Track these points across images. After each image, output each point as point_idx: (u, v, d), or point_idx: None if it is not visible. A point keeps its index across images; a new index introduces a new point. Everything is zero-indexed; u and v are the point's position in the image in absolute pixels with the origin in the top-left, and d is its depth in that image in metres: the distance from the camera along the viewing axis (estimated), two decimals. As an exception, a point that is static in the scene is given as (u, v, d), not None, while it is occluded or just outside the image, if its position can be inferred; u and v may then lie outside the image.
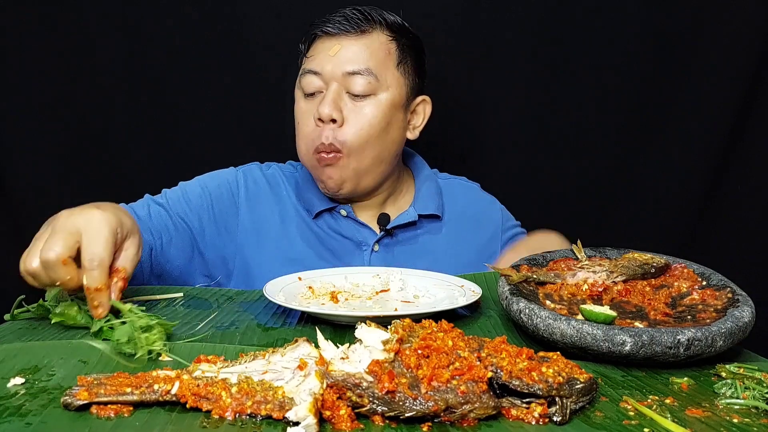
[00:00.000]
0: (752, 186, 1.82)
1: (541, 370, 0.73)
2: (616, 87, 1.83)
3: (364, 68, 1.33)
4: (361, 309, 1.07)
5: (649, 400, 0.77)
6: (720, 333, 0.86)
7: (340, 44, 1.34)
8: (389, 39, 1.38)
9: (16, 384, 0.75)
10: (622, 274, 1.04)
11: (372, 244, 1.43)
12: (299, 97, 1.40)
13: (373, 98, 1.35)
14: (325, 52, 1.35)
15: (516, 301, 0.95)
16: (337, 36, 1.35)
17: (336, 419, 0.67)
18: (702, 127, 1.82)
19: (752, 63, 1.78)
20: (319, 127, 1.34)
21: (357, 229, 1.44)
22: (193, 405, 0.69)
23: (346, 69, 1.33)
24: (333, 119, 1.32)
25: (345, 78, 1.34)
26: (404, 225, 1.45)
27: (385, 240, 1.44)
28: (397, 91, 1.38)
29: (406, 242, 1.46)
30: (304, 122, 1.38)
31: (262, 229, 1.42)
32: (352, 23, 1.35)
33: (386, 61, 1.36)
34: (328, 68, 1.34)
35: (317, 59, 1.36)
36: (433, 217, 1.47)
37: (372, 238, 1.43)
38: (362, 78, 1.33)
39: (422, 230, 1.47)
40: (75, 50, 1.72)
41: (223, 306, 1.12)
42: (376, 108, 1.35)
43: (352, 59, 1.34)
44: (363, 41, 1.35)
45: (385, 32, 1.37)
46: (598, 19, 1.80)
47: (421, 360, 0.72)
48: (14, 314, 1.02)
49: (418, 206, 1.46)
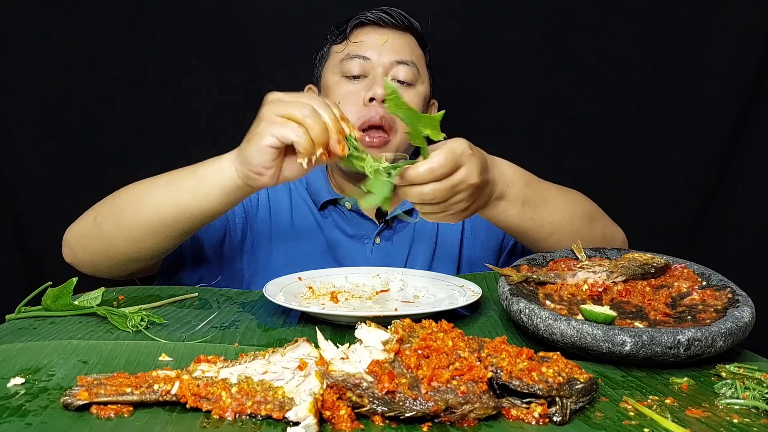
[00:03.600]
0: (752, 186, 1.82)
1: (541, 371, 0.73)
2: (616, 87, 1.83)
3: (409, 59, 1.42)
4: (361, 309, 1.07)
5: (649, 401, 0.77)
6: (720, 333, 0.86)
7: (386, 35, 1.42)
8: (417, 44, 1.48)
9: (16, 384, 0.75)
10: (622, 274, 1.04)
11: (373, 237, 1.45)
12: (339, 80, 1.42)
13: (415, 88, 1.43)
14: (372, 40, 1.42)
15: (516, 301, 0.95)
16: (382, 27, 1.43)
17: (336, 419, 0.67)
18: (702, 127, 1.82)
19: (753, 63, 1.78)
20: (367, 106, 1.37)
21: (360, 223, 1.47)
22: (193, 405, 0.69)
23: (395, 58, 1.41)
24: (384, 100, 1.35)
25: (392, 66, 1.41)
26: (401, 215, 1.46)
27: (386, 232, 1.47)
28: (428, 87, 1.48)
29: (405, 230, 1.49)
30: (347, 102, 1.39)
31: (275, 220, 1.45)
32: (396, 19, 1.44)
33: (421, 59, 1.47)
34: (376, 56, 1.40)
35: (365, 45, 1.41)
36: None
37: (373, 231, 1.46)
38: (408, 68, 1.41)
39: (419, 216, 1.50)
40: (75, 50, 1.72)
41: (223, 306, 1.12)
42: (417, 96, 1.43)
43: (399, 50, 1.42)
44: (406, 38, 1.45)
45: (415, 36, 1.47)
46: (597, 20, 1.80)
47: (421, 360, 0.72)
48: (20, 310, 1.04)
49: None
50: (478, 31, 1.81)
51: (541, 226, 1.20)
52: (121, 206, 1.18)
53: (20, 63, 1.70)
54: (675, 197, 1.85)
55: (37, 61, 1.71)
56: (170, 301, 1.13)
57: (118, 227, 1.17)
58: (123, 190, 1.21)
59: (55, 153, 1.75)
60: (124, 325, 0.97)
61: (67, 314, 1.03)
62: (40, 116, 1.73)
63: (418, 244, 1.47)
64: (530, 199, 1.17)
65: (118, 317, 0.98)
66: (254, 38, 1.77)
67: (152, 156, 1.77)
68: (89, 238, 1.21)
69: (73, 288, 1.03)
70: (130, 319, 0.97)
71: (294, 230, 1.45)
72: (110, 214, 1.19)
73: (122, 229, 1.17)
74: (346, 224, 1.46)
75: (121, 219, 1.17)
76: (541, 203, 1.19)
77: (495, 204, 1.14)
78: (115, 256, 1.20)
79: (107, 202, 1.21)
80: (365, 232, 1.46)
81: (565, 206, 1.24)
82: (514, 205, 1.15)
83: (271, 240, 1.44)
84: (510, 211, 1.16)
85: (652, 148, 1.85)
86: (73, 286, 1.03)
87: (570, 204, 1.26)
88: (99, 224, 1.20)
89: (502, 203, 1.14)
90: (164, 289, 1.21)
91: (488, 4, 1.80)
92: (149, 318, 0.99)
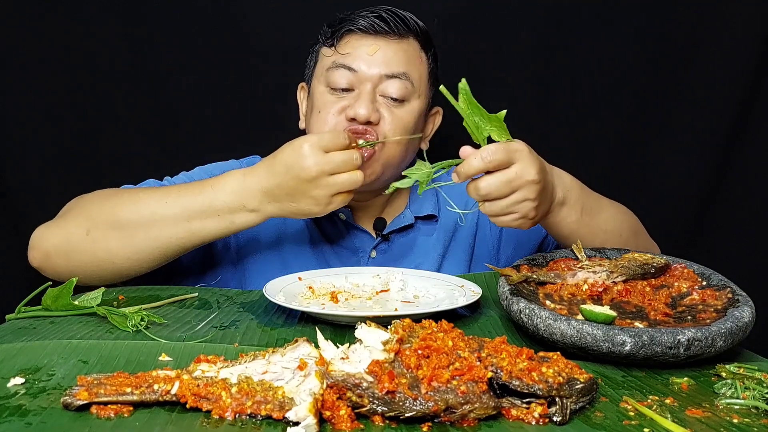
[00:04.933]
0: (752, 186, 1.82)
1: (541, 371, 0.73)
2: (616, 88, 1.83)
3: (402, 72, 1.29)
4: (361, 309, 1.07)
5: (649, 400, 0.77)
6: (720, 333, 0.86)
7: (377, 45, 1.29)
8: (421, 47, 1.35)
9: (16, 384, 0.75)
10: (622, 274, 1.04)
11: (369, 251, 1.39)
12: (324, 90, 1.32)
13: (407, 104, 1.31)
14: (362, 50, 1.29)
15: (516, 301, 0.95)
16: (374, 36, 1.30)
17: (336, 419, 0.67)
18: (702, 127, 1.82)
19: (753, 63, 1.78)
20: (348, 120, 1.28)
21: (355, 235, 1.40)
22: (193, 405, 0.69)
23: (384, 71, 1.28)
24: (369, 120, 1.26)
25: (381, 80, 1.29)
26: (401, 229, 1.41)
27: (382, 246, 1.41)
28: (425, 100, 1.35)
29: (404, 247, 1.42)
30: (328, 113, 1.30)
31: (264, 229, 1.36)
32: (391, 25, 1.30)
33: (420, 68, 1.34)
34: (365, 68, 1.28)
35: (352, 56, 1.29)
36: (429, 218, 1.43)
37: (369, 245, 1.40)
38: (400, 82, 1.29)
39: (419, 233, 1.43)
40: (75, 50, 1.72)
41: (223, 306, 1.12)
42: (409, 114, 1.31)
43: (390, 62, 1.29)
44: (401, 45, 1.31)
45: (418, 39, 1.35)
46: (597, 20, 1.80)
47: (421, 360, 0.72)
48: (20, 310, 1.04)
49: (413, 208, 1.42)
50: (476, 31, 1.81)
51: (595, 234, 1.20)
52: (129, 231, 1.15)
53: (20, 63, 1.70)
54: (675, 197, 1.85)
55: (37, 61, 1.70)
56: (170, 301, 1.13)
57: (122, 250, 1.16)
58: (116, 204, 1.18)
59: (55, 153, 1.75)
60: (124, 325, 0.97)
61: (67, 314, 1.03)
62: (40, 116, 1.73)
63: (416, 260, 1.40)
64: (587, 206, 1.18)
65: (118, 317, 0.99)
66: (254, 38, 1.77)
67: (152, 156, 1.76)
68: (79, 251, 1.17)
69: (73, 288, 1.03)
70: (130, 319, 0.97)
71: (286, 241, 1.39)
72: (112, 236, 1.16)
73: (126, 252, 1.16)
74: (340, 237, 1.40)
75: (127, 243, 1.15)
76: (596, 211, 1.20)
77: (558, 209, 1.14)
78: (106, 270, 1.18)
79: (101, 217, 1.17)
80: (361, 245, 1.40)
81: (616, 216, 1.25)
82: (575, 211, 1.16)
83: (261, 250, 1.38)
84: (571, 217, 1.16)
85: (652, 148, 1.84)
86: (73, 286, 1.03)
87: (620, 215, 1.27)
88: (95, 241, 1.16)
89: (564, 209, 1.15)
90: (164, 289, 1.21)
91: (487, 4, 1.79)
92: (149, 318, 0.99)
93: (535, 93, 1.85)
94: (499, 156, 1.00)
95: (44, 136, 1.74)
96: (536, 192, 1.03)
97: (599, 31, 1.80)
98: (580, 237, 1.19)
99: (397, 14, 1.33)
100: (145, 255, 1.17)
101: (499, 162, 1.00)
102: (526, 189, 1.02)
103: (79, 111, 1.75)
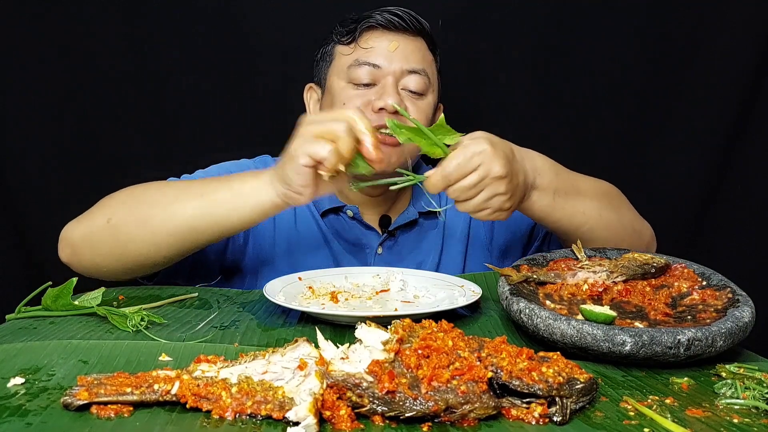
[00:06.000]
0: (752, 186, 1.83)
1: (541, 370, 0.73)
2: (616, 87, 1.83)
3: (421, 68, 1.36)
4: (361, 309, 1.07)
5: (649, 400, 0.77)
6: (720, 333, 0.86)
7: (397, 41, 1.35)
8: (428, 46, 1.41)
9: (16, 384, 0.75)
10: (622, 274, 1.04)
11: (376, 248, 1.42)
12: (345, 85, 1.36)
13: (424, 98, 1.37)
14: (382, 45, 1.35)
15: (516, 301, 0.95)
16: (393, 32, 1.36)
17: (336, 419, 0.67)
18: (702, 127, 1.82)
19: (753, 63, 1.78)
20: (376, 113, 1.32)
21: (362, 232, 1.43)
22: (193, 405, 0.69)
23: (405, 66, 1.34)
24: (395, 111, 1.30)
25: (403, 74, 1.34)
26: (405, 225, 1.44)
27: (388, 242, 1.44)
28: (437, 95, 1.42)
29: (408, 242, 1.45)
30: (354, 105, 1.34)
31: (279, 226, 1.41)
32: (408, 23, 1.36)
33: (432, 65, 1.40)
34: (386, 63, 1.34)
35: (374, 52, 1.35)
36: (432, 213, 1.46)
37: (376, 241, 1.43)
38: (420, 77, 1.35)
39: (423, 228, 1.46)
40: (75, 50, 1.72)
41: (223, 306, 1.12)
42: (427, 106, 1.38)
43: (410, 58, 1.35)
44: (417, 43, 1.38)
45: (425, 39, 1.40)
46: (597, 20, 1.80)
47: (421, 360, 0.72)
48: (20, 310, 1.04)
49: (417, 204, 1.46)
50: (477, 31, 1.81)
51: (573, 216, 1.20)
52: (145, 212, 1.16)
53: (20, 63, 1.70)
54: (675, 197, 1.85)
55: (37, 61, 1.71)
56: (170, 301, 1.13)
57: (140, 232, 1.15)
58: (138, 193, 1.20)
59: (55, 153, 1.75)
60: (124, 325, 0.97)
61: (67, 314, 1.03)
62: (40, 116, 1.73)
63: (421, 255, 1.43)
64: (561, 189, 1.18)
65: (118, 317, 0.99)
66: (254, 38, 1.77)
67: (152, 156, 1.77)
68: (102, 240, 1.18)
69: (73, 288, 1.04)
70: (130, 319, 0.97)
71: (297, 237, 1.41)
72: (131, 219, 1.16)
73: (144, 235, 1.15)
74: (348, 233, 1.43)
75: (145, 225, 1.15)
76: (572, 193, 1.20)
77: (528, 194, 1.15)
78: (128, 259, 1.18)
79: (123, 205, 1.19)
80: (368, 242, 1.43)
81: (595, 196, 1.24)
82: (546, 194, 1.16)
83: (274, 246, 1.40)
84: (542, 201, 1.16)
85: (652, 148, 1.85)
86: (73, 286, 1.03)
87: (600, 194, 1.26)
88: (116, 227, 1.16)
89: (535, 193, 1.15)
90: (164, 289, 1.21)
91: (488, 4, 1.79)
92: (149, 318, 0.99)
93: (535, 93, 1.85)
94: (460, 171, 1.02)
95: (44, 136, 1.74)
96: (504, 185, 1.05)
97: (599, 31, 1.80)
98: (557, 220, 1.20)
99: (411, 13, 1.38)
100: (162, 238, 1.15)
101: (460, 174, 1.02)
102: (493, 186, 1.04)
103: (79, 111, 1.75)
